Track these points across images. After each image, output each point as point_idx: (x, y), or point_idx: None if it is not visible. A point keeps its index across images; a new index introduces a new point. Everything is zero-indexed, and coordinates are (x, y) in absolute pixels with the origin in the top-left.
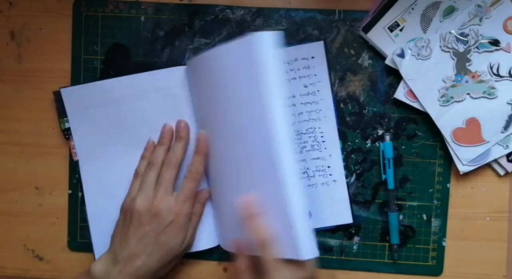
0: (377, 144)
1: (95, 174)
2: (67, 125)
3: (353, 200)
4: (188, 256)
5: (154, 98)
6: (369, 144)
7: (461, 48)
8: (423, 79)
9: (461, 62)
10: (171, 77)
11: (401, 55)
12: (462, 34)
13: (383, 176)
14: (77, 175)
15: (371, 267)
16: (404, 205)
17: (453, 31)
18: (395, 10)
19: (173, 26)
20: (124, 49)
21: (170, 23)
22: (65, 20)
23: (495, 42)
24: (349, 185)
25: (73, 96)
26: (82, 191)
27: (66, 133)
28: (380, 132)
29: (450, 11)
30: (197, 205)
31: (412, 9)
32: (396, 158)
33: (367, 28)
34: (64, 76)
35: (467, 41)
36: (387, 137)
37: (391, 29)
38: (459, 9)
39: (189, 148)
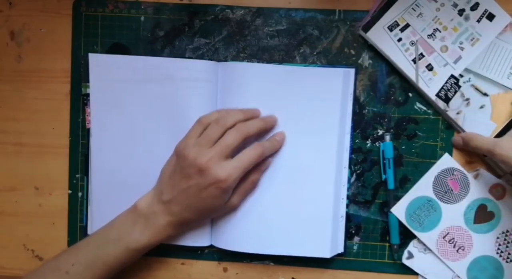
0: (377, 144)
1: (103, 146)
2: (87, 90)
3: (353, 200)
4: (188, 256)
5: (181, 86)
6: (369, 144)
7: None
8: None
9: None
10: (202, 70)
11: None
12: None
13: (383, 176)
14: (77, 175)
15: (371, 267)
16: None
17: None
18: (395, 9)
19: (173, 26)
20: (124, 49)
21: (170, 23)
22: (65, 20)
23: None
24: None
25: (100, 64)
26: (82, 191)
27: (85, 99)
28: (380, 132)
29: None
30: (256, 174)
31: (413, 9)
32: (396, 158)
33: (367, 28)
34: (64, 76)
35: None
36: (387, 137)
37: (391, 28)
38: None
39: None
